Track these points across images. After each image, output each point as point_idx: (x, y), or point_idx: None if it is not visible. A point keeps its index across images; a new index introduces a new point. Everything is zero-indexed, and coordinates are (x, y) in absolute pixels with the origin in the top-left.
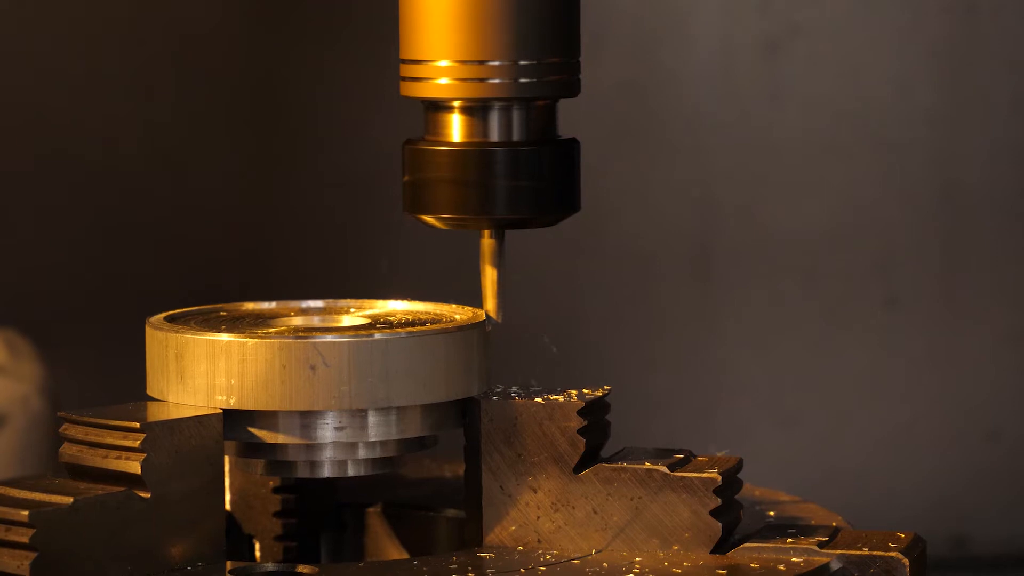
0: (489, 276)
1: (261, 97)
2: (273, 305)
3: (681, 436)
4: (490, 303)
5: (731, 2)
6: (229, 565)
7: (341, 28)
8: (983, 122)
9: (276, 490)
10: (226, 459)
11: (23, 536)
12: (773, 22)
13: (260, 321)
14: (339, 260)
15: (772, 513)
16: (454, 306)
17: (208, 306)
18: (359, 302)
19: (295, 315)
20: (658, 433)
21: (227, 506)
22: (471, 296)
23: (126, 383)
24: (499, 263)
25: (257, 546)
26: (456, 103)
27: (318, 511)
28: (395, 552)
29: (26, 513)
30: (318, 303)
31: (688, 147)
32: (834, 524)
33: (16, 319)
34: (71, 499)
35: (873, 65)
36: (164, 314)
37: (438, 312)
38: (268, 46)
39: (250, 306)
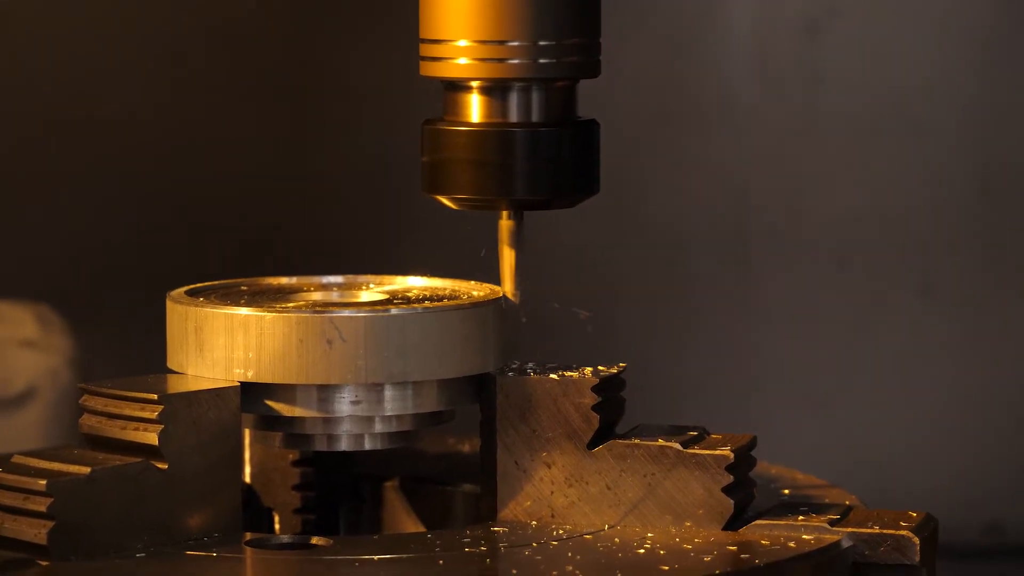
0: (507, 257)
1: (298, 76)
2: (293, 280)
3: (714, 419)
4: (508, 284)
5: None
6: (248, 536)
7: (380, 8)
8: (1022, 108)
9: (295, 463)
10: (246, 432)
11: (41, 505)
12: (812, 5)
13: (280, 296)
14: (371, 238)
15: (787, 491)
16: (472, 283)
17: (229, 280)
18: (379, 278)
19: (315, 290)
20: (691, 416)
21: (247, 479)
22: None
23: (157, 357)
24: (517, 244)
25: (276, 518)
26: (475, 83)
27: (337, 484)
28: (412, 526)
29: (44, 482)
30: (338, 278)
31: (725, 130)
32: (847, 503)
33: (49, 294)
34: (89, 469)
35: (912, 49)
36: (185, 288)
37: (456, 288)
38: (306, 27)
39: (270, 281)
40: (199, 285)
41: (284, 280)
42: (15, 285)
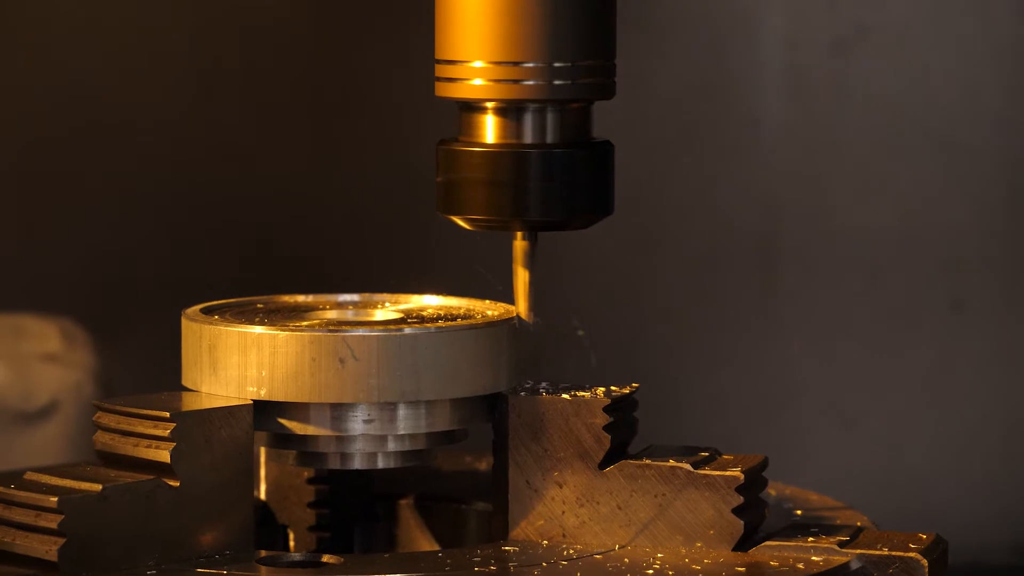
0: (521, 278)
1: (325, 87)
2: (309, 298)
3: (743, 437)
4: (522, 304)
5: (798, 2)
6: (262, 554)
7: (411, 21)
8: None
9: (310, 481)
10: (262, 450)
11: (52, 522)
12: (842, 22)
13: (295, 314)
14: (392, 255)
15: (799, 512)
16: (487, 302)
17: (245, 298)
18: (394, 296)
19: (330, 308)
20: (719, 432)
21: (262, 496)
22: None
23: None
24: (531, 265)
25: (291, 536)
26: (490, 104)
27: (352, 502)
28: (426, 544)
29: (55, 499)
30: (354, 297)
31: (754, 147)
32: (859, 524)
33: (73, 308)
34: (100, 486)
35: (942, 67)
36: (200, 305)
37: (471, 307)
38: (334, 38)
39: (286, 299)
40: (215, 303)
41: (300, 298)
42: (40, 299)
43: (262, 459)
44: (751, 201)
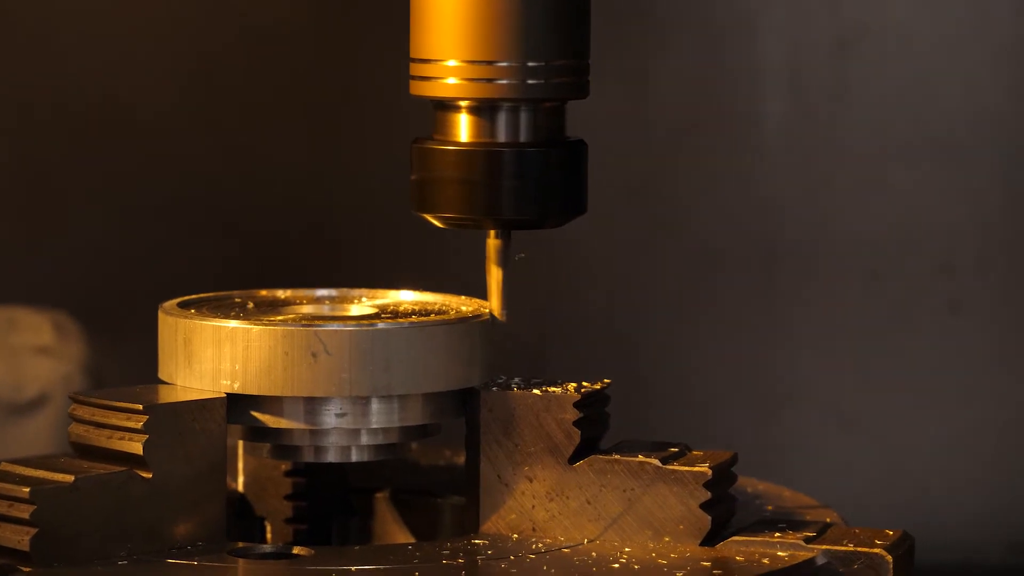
0: (494, 276)
1: (327, 89)
2: (288, 292)
3: (741, 435)
4: (494, 302)
5: (799, 2)
6: (239, 545)
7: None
8: None
9: (287, 473)
10: (239, 442)
11: (24, 512)
12: (842, 22)
13: (272, 308)
14: (397, 251)
15: (770, 508)
16: (463, 298)
17: (222, 292)
18: (371, 292)
19: (307, 303)
20: (717, 432)
21: (240, 488)
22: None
23: None
24: (504, 263)
25: (268, 528)
26: (464, 103)
27: (328, 495)
28: (402, 537)
29: (27, 490)
30: (331, 292)
31: (754, 146)
32: (828, 520)
33: (68, 301)
34: (72, 477)
35: (941, 67)
36: (178, 299)
37: (445, 303)
38: (335, 38)
39: (264, 293)
40: (192, 297)
41: (279, 292)
42: (34, 292)
43: (239, 451)
44: (751, 201)
